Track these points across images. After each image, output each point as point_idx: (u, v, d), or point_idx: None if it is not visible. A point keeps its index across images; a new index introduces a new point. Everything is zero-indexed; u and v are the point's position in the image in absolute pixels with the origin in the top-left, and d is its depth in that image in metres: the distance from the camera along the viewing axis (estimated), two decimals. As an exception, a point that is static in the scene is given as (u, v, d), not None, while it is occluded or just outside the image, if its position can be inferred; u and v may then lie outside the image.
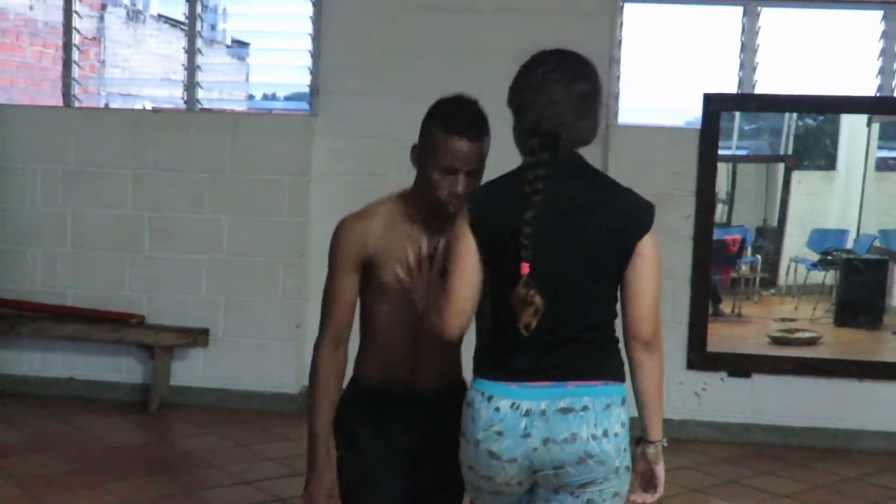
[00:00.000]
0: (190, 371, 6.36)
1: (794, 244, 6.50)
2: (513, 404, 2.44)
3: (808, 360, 6.07)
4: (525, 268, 2.37)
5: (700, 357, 6.08)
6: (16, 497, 4.66)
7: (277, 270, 6.28)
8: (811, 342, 6.19)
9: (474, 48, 6.05)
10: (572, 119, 2.48)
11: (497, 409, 2.44)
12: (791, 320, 6.28)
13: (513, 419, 2.43)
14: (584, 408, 2.44)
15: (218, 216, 6.30)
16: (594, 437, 2.44)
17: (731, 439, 6.07)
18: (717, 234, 6.30)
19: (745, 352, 6.15)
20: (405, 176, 2.82)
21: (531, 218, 2.38)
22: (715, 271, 6.27)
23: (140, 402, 6.28)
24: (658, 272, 2.51)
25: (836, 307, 6.21)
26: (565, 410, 2.43)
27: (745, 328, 6.43)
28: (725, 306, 6.57)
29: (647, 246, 2.47)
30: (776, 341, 6.19)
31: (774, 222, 7.35)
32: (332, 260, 2.78)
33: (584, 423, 2.44)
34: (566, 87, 2.48)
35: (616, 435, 2.47)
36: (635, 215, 2.49)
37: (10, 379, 6.42)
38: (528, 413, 2.43)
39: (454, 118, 2.63)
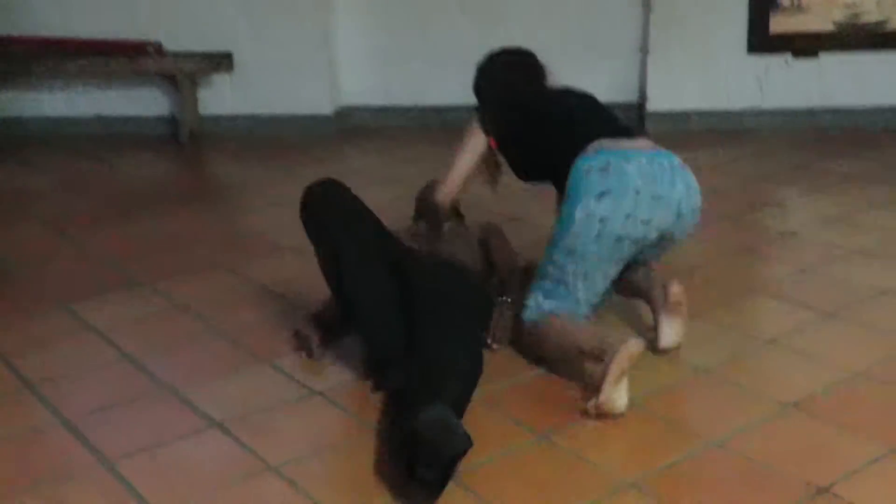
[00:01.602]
0: (218, 99, 6.07)
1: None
2: (648, 159, 2.77)
3: (881, 34, 5.56)
4: (493, 142, 3.04)
5: (762, 39, 5.59)
6: (45, 235, 4.47)
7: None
8: (879, 25, 5.68)
9: None
10: None
11: (640, 163, 2.75)
12: (857, 5, 5.76)
13: (658, 170, 2.76)
14: (682, 165, 2.83)
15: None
16: (698, 189, 2.86)
17: (797, 126, 5.69)
18: None
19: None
20: None
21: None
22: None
23: (170, 135, 6.03)
24: None
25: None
26: (683, 165, 2.82)
27: (807, 17, 5.95)
28: (784, -6, 6.03)
29: None
30: (841, 28, 5.67)
31: None
32: None
33: (691, 175, 2.85)
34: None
35: None
36: None
37: (34, 122, 6.17)
38: (661, 166, 2.77)
39: None
